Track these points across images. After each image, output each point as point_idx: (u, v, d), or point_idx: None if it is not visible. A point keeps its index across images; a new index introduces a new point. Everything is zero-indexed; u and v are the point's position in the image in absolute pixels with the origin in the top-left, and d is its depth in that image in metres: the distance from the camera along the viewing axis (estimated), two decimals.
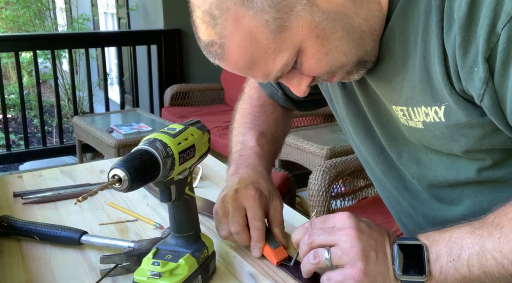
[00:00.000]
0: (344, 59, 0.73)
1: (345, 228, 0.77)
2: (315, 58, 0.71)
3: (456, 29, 0.66)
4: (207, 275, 0.84)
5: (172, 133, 0.77)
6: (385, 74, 0.79)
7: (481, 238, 0.71)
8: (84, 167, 1.44)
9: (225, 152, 4.35)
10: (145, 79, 4.90)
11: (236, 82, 4.41)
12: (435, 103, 0.74)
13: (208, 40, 0.71)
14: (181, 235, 0.83)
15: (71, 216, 1.11)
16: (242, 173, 1.01)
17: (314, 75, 0.76)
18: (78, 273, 0.88)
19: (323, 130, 3.38)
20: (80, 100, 5.67)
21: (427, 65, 0.72)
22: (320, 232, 0.79)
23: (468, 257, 0.71)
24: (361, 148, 0.98)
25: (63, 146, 4.64)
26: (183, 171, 0.79)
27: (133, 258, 0.87)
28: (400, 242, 0.76)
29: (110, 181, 0.68)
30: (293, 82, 0.78)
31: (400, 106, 0.79)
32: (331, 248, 0.77)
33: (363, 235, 0.76)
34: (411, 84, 0.75)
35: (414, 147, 0.85)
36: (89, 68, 4.64)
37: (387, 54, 0.77)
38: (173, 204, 0.81)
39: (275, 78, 0.74)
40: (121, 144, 3.29)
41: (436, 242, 0.74)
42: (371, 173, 1.02)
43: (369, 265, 0.74)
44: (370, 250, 0.75)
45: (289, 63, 0.72)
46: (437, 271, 0.73)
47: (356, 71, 0.78)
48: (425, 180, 0.88)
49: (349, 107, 0.94)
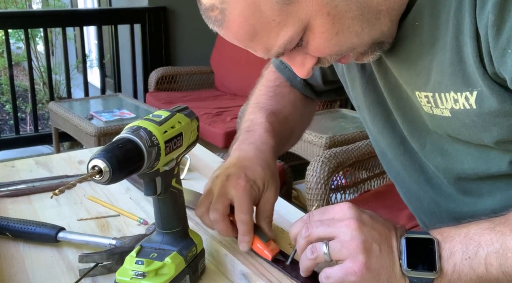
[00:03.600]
0: (356, 40, 0.72)
1: (345, 219, 0.77)
2: (324, 38, 0.71)
3: (489, 7, 0.65)
4: (195, 274, 0.84)
5: (157, 121, 0.76)
6: (410, 56, 0.78)
7: (502, 235, 0.70)
8: (61, 157, 1.44)
9: (215, 141, 4.34)
10: (128, 62, 4.88)
11: (227, 65, 4.41)
12: (466, 88, 0.72)
13: (209, 4, 0.71)
14: (167, 232, 0.83)
15: (47, 211, 1.10)
16: (243, 151, 0.99)
17: (321, 56, 0.75)
18: (54, 273, 0.88)
19: (322, 117, 3.38)
20: (57, 84, 5.65)
21: (459, 46, 0.71)
22: (318, 224, 0.79)
23: (486, 255, 0.70)
24: (379, 138, 0.97)
25: (38, 134, 4.63)
26: (170, 162, 0.79)
27: (114, 256, 0.87)
28: (408, 235, 0.76)
29: (90, 173, 0.67)
30: (296, 61, 0.77)
31: (425, 92, 0.79)
32: (330, 241, 0.77)
33: (365, 226, 0.76)
34: (440, 67, 0.74)
35: (439, 137, 0.85)
36: (66, 49, 4.61)
37: (412, 35, 0.76)
38: (158, 198, 0.81)
39: (277, 54, 0.73)
40: (101, 132, 3.28)
41: (450, 237, 0.73)
42: (388, 166, 1.01)
43: (371, 258, 0.74)
44: (373, 243, 0.75)
45: (293, 40, 0.71)
46: (449, 269, 0.72)
47: (371, 52, 0.77)
48: (452, 172, 0.87)
49: (367, 93, 0.93)
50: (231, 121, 3.56)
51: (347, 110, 3.48)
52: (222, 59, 4.47)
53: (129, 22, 4.76)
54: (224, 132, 3.42)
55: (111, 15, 4.88)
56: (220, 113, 3.75)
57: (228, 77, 4.45)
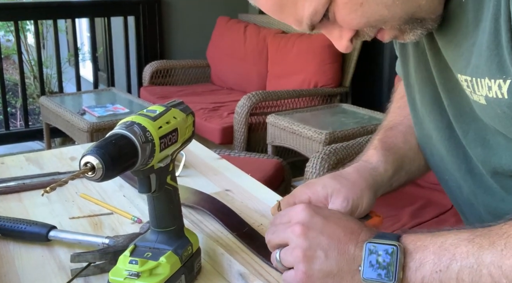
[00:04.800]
0: (386, 12, 0.71)
1: (293, 224, 0.77)
2: (348, 8, 0.70)
3: None
4: (191, 274, 0.84)
5: (152, 116, 0.76)
6: (456, 36, 0.76)
7: (479, 248, 0.66)
8: (52, 153, 1.44)
9: (211, 137, 4.34)
10: (121, 55, 4.87)
11: (224, 58, 4.41)
12: (500, 75, 0.69)
13: None
14: (162, 230, 0.83)
15: (38, 209, 1.10)
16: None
17: (352, 28, 0.74)
18: (45, 273, 0.88)
19: (322, 112, 3.38)
20: (48, 78, 5.64)
21: (497, 29, 0.68)
22: (274, 230, 0.80)
23: (459, 270, 0.66)
24: (426, 120, 0.94)
25: (29, 130, 4.62)
26: (165, 158, 0.79)
27: (107, 256, 0.87)
28: (372, 240, 0.73)
29: (82, 170, 0.67)
30: (333, 35, 0.77)
31: (465, 76, 0.76)
32: (282, 248, 0.77)
33: (311, 232, 0.75)
34: (479, 50, 0.71)
35: (483, 125, 0.81)
36: (57, 42, 4.60)
37: (460, 13, 0.73)
38: (153, 195, 0.81)
39: (309, 27, 0.73)
40: (94, 128, 3.28)
41: (424, 247, 0.70)
42: (432, 150, 0.97)
43: (313, 266, 0.73)
44: (317, 249, 0.74)
45: (318, 12, 0.71)
46: (417, 281, 0.69)
47: (411, 30, 0.75)
48: (490, 165, 0.84)
49: (418, 71, 0.91)
50: (227, 116, 3.56)
51: (347, 105, 3.48)
52: (219, 53, 4.47)
53: (122, 14, 4.75)
54: (221, 128, 3.42)
55: (104, 7, 4.86)
56: (216, 108, 3.75)
57: (224, 71, 4.45)
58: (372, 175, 0.95)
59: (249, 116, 3.36)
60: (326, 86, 3.68)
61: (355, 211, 0.90)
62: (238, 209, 1.10)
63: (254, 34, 4.24)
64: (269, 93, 3.51)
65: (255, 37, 4.22)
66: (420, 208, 2.04)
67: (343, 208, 0.88)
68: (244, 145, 3.37)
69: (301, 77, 3.76)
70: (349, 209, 0.89)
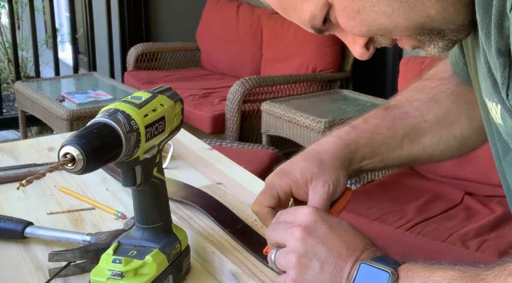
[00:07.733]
0: (387, 22, 0.71)
1: (295, 225, 0.77)
2: (345, 15, 0.71)
3: None
4: (179, 274, 0.85)
5: (137, 103, 0.76)
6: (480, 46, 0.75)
7: None
8: (28, 143, 1.44)
9: (201, 126, 4.34)
10: (103, 37, 4.86)
11: (215, 41, 4.40)
12: (493, 98, 0.70)
13: None
14: (148, 227, 0.83)
15: (13, 204, 1.10)
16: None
17: (356, 35, 0.75)
18: (21, 273, 0.88)
19: (320, 99, 3.38)
20: (24, 62, 5.62)
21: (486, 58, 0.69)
22: (275, 227, 0.80)
23: None
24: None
25: (3, 118, 4.60)
26: (151, 149, 0.79)
27: (89, 254, 0.87)
28: (368, 262, 0.74)
29: (61, 161, 0.67)
30: (347, 39, 0.77)
31: None
32: (279, 249, 0.78)
33: (311, 238, 0.75)
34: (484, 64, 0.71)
35: None
36: (34, 22, 4.58)
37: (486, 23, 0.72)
38: (138, 189, 0.81)
39: (314, 30, 0.75)
40: (74, 116, 3.27)
41: (411, 278, 0.72)
42: None
43: (304, 275, 0.74)
44: (313, 259, 0.74)
45: (317, 16, 0.72)
46: None
47: (430, 41, 0.74)
48: None
49: (474, 75, 0.88)
50: (219, 103, 3.56)
51: (348, 91, 3.48)
52: (209, 35, 4.46)
53: None
54: (212, 116, 3.42)
55: None
56: (207, 95, 3.75)
57: (215, 55, 4.45)
58: (344, 151, 0.97)
59: (242, 104, 3.36)
60: (325, 71, 3.68)
61: (335, 192, 0.92)
62: (230, 203, 1.10)
63: (247, 15, 4.24)
64: (263, 79, 3.51)
65: (249, 18, 4.21)
66: (427, 203, 2.05)
67: (325, 192, 0.90)
68: (236, 134, 3.37)
69: (298, 61, 3.76)
70: (331, 192, 0.91)
